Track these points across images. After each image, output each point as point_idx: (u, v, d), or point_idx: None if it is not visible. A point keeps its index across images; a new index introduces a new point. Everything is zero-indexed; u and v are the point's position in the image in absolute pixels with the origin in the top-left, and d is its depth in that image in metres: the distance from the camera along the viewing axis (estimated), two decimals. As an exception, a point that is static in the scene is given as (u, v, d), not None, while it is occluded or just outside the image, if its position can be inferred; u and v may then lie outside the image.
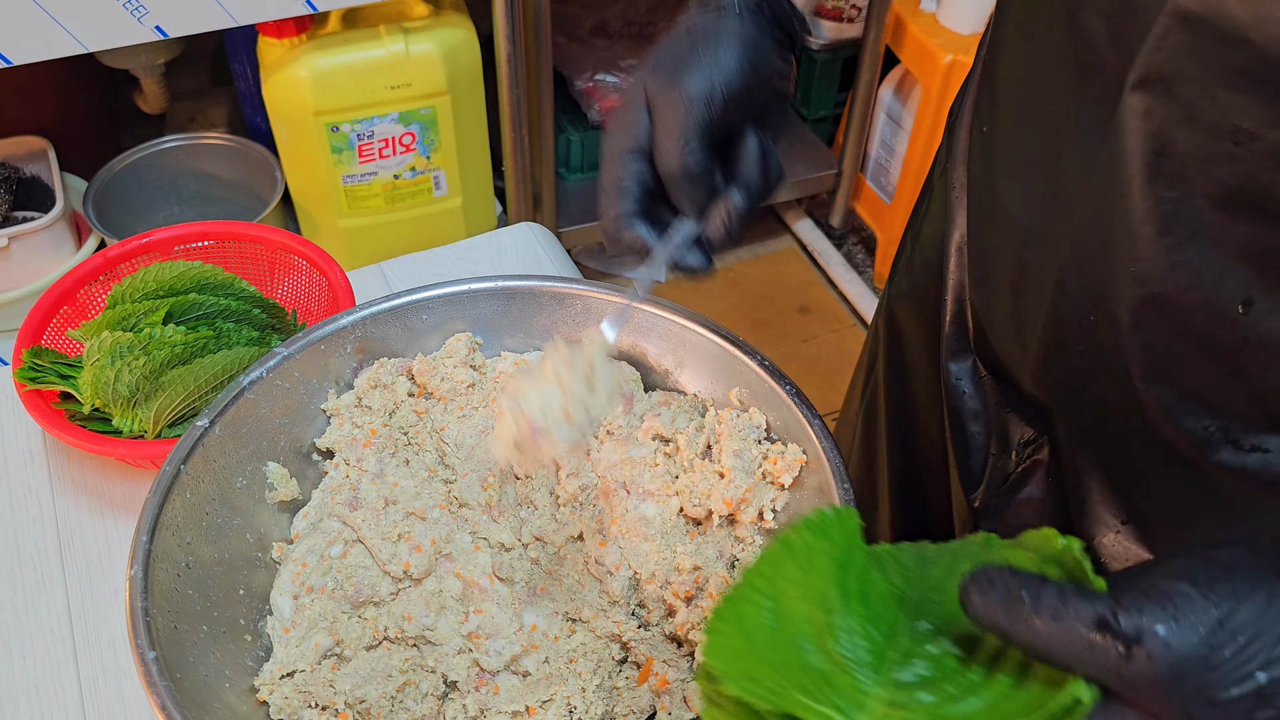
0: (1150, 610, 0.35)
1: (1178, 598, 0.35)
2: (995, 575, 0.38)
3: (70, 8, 1.28)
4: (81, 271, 0.82)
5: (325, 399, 0.72)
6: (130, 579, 0.57)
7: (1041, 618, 0.36)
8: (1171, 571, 0.37)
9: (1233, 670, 0.35)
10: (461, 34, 1.58)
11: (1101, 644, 0.35)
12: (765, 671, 0.44)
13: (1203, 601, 0.35)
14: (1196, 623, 0.35)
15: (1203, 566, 0.36)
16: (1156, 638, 0.35)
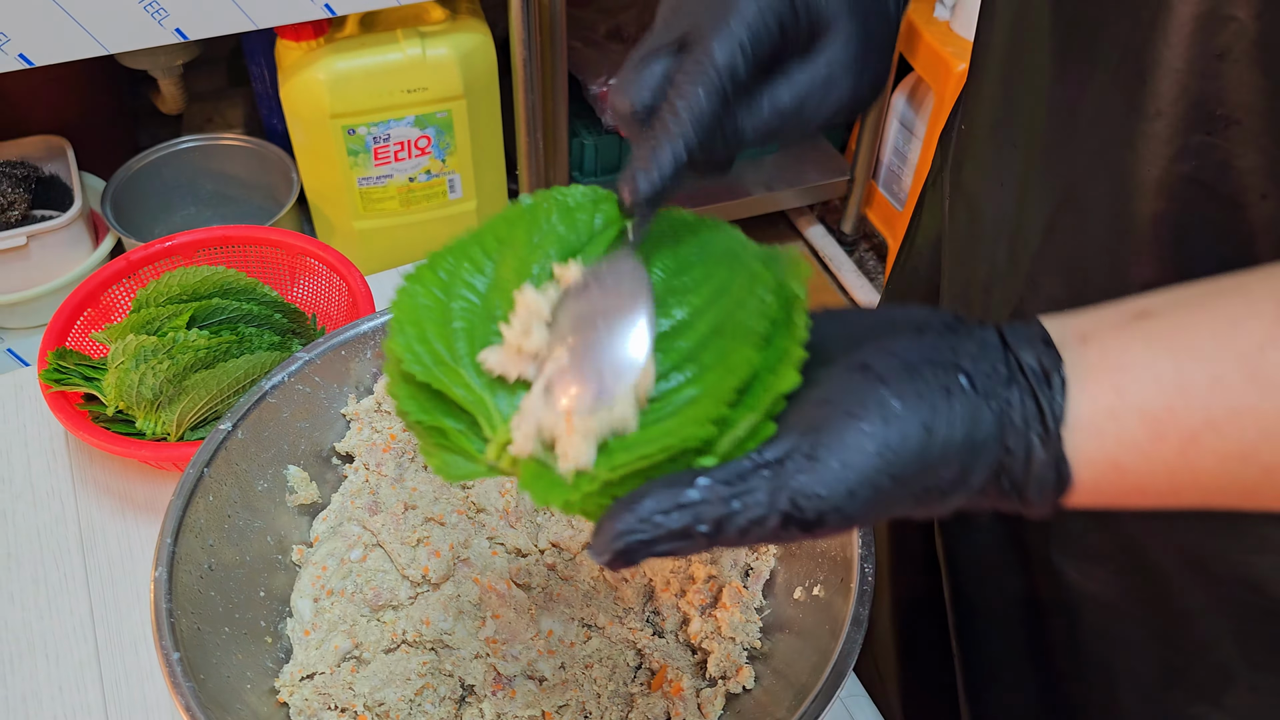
0: (830, 488, 0.37)
1: (851, 460, 0.37)
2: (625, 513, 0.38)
3: (92, 10, 1.29)
4: (105, 274, 0.83)
5: (345, 403, 0.73)
6: (155, 580, 0.58)
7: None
8: (840, 409, 0.38)
9: (894, 505, 0.38)
10: (478, 38, 1.59)
11: (787, 536, 0.38)
12: (444, 334, 0.46)
13: (872, 458, 0.37)
14: (869, 486, 0.37)
15: (868, 395, 0.38)
16: (836, 517, 0.37)
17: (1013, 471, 0.38)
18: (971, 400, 0.38)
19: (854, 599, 0.58)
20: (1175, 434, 0.36)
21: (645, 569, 0.67)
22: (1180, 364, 0.36)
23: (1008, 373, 0.38)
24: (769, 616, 0.66)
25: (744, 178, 2.13)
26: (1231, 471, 0.36)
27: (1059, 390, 0.37)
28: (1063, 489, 0.38)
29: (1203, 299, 0.38)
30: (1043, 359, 0.38)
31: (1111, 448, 0.37)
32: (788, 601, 0.65)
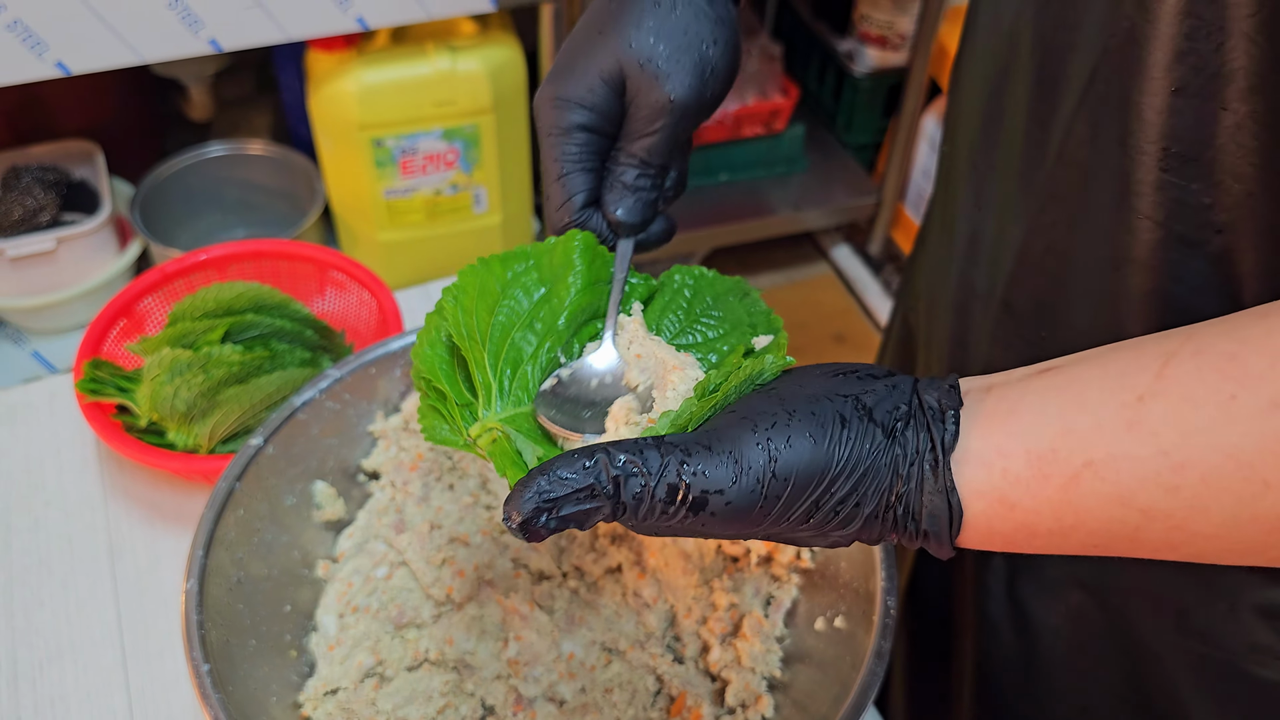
0: (713, 470, 0.40)
1: (736, 450, 0.41)
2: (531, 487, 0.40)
3: (129, 20, 1.31)
4: (140, 285, 0.84)
5: (373, 421, 0.74)
6: (186, 592, 0.59)
7: None
8: (738, 417, 0.42)
9: (786, 510, 0.41)
10: (508, 53, 1.60)
11: (675, 514, 0.41)
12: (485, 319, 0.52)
13: (756, 451, 0.41)
14: (751, 476, 0.41)
15: (766, 407, 0.43)
16: (719, 499, 0.40)
17: (907, 500, 0.41)
18: (865, 427, 0.41)
19: (876, 632, 0.58)
20: (1058, 473, 0.39)
21: (667, 594, 0.68)
22: (1066, 410, 0.39)
23: (908, 411, 0.42)
24: (790, 646, 0.66)
25: (771, 197, 2.14)
26: (1112, 514, 0.39)
27: (951, 424, 0.41)
28: (955, 520, 0.41)
29: (1101, 355, 0.41)
30: (943, 399, 0.42)
31: (998, 482, 0.40)
32: (809, 632, 0.65)
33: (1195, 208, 0.48)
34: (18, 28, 1.26)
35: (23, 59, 1.28)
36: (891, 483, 0.41)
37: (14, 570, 0.76)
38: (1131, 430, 0.38)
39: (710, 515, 0.40)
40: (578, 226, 0.55)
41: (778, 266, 2.33)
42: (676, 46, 0.53)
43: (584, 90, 0.54)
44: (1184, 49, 0.45)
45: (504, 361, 0.51)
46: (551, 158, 0.55)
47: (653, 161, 0.56)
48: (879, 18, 2.10)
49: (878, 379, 0.44)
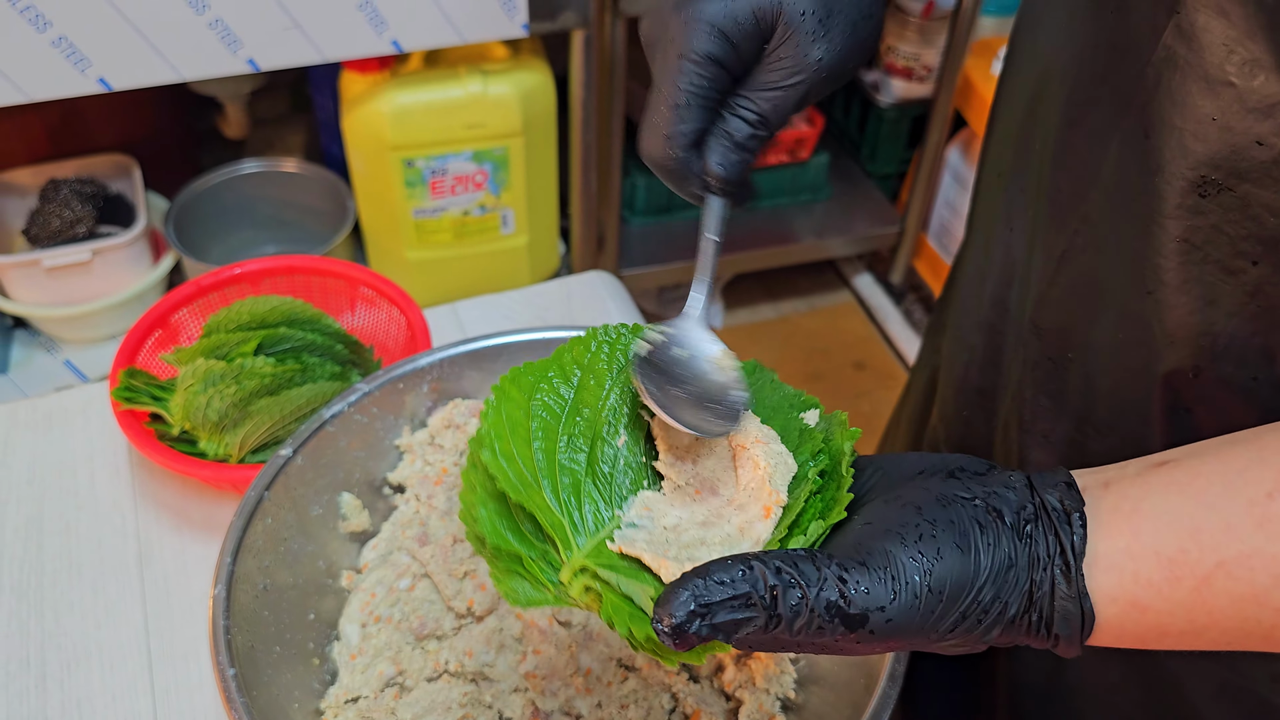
0: (873, 586, 0.39)
1: (892, 565, 0.40)
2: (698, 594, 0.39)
3: (170, 39, 1.34)
4: (176, 297, 0.86)
5: (400, 435, 0.75)
6: (214, 598, 0.60)
7: (768, 628, 0.40)
8: (880, 529, 0.42)
9: (939, 622, 0.40)
10: (538, 78, 1.63)
11: (832, 631, 0.40)
12: (527, 455, 0.49)
13: (912, 566, 0.40)
14: (909, 591, 0.40)
15: (906, 518, 0.42)
16: (880, 616, 0.39)
17: (1041, 605, 0.41)
18: (1002, 530, 0.41)
19: (891, 655, 0.59)
20: (1190, 575, 0.39)
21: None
22: (1193, 509, 0.39)
23: (1034, 512, 0.41)
24: (803, 668, 0.67)
25: (794, 224, 2.15)
26: (1246, 613, 0.38)
27: (1079, 528, 0.41)
28: (1087, 625, 0.40)
29: (1218, 448, 0.41)
30: (1065, 500, 0.41)
31: (1130, 586, 0.40)
32: (824, 653, 0.66)
33: (1231, 238, 0.48)
34: (62, 44, 1.29)
35: (66, 74, 1.32)
36: (1029, 588, 0.41)
37: (45, 573, 0.78)
38: (1262, 528, 0.37)
39: (869, 633, 0.39)
40: (679, 166, 0.51)
41: (800, 293, 2.34)
42: (836, 7, 0.50)
43: (730, 20, 0.49)
44: (1224, 81, 0.46)
45: (564, 490, 0.48)
46: (672, 81, 0.50)
47: (772, 121, 0.52)
48: (905, 50, 2.11)
49: (989, 475, 0.44)
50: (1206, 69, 0.47)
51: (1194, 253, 0.50)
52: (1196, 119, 0.48)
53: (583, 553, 0.47)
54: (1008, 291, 0.67)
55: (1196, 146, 0.48)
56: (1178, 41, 0.48)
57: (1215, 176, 0.48)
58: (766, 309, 2.29)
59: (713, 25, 0.49)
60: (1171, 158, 0.49)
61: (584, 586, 0.46)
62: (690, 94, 0.49)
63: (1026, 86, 0.65)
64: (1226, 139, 0.47)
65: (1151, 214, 0.52)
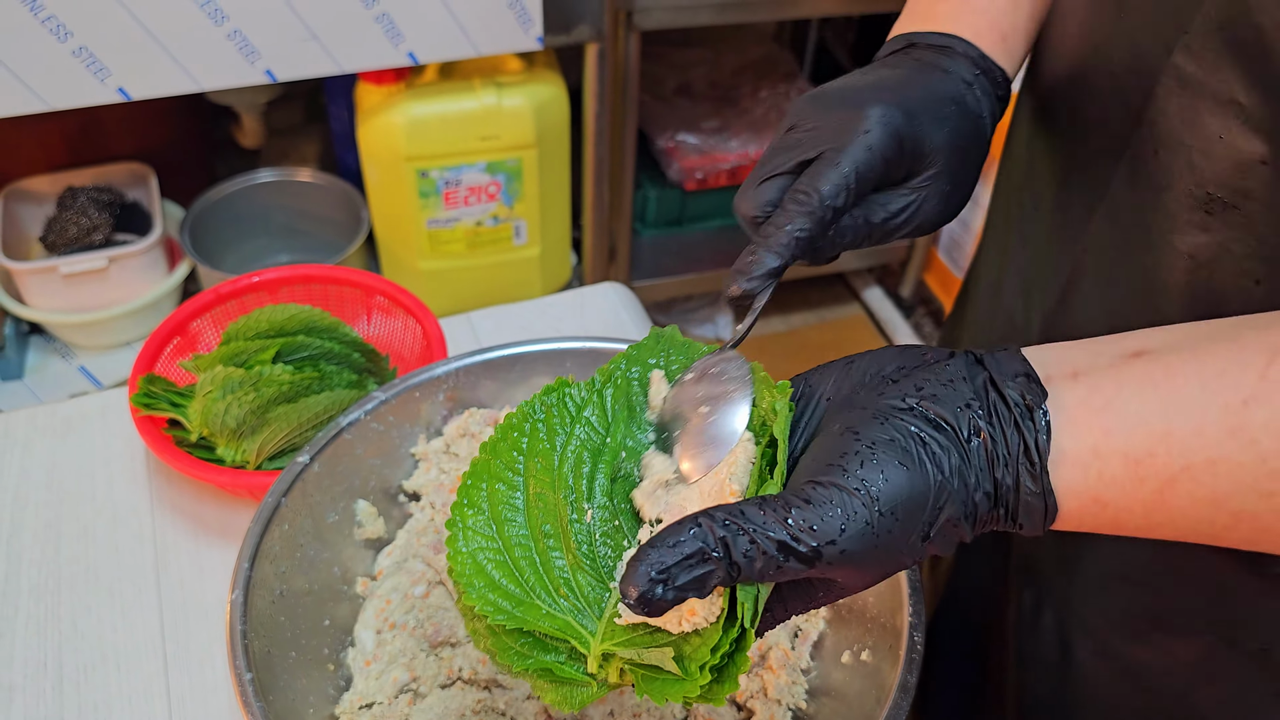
0: (820, 520, 0.39)
1: (836, 497, 0.40)
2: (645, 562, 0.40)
3: (189, 49, 1.35)
4: (195, 305, 0.87)
5: (415, 443, 0.76)
6: (232, 603, 0.61)
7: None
8: (822, 462, 0.41)
9: (904, 540, 0.40)
10: (552, 90, 1.64)
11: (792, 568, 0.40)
12: (509, 574, 0.48)
13: (856, 494, 0.40)
14: (859, 520, 0.39)
15: (845, 446, 0.41)
16: (833, 549, 0.39)
17: (1006, 499, 0.41)
18: (947, 438, 0.41)
19: (902, 666, 0.59)
20: (1154, 477, 0.39)
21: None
22: (1165, 410, 0.39)
23: (985, 406, 0.41)
24: (815, 679, 0.67)
25: (802, 237, 2.16)
26: (1202, 514, 0.39)
27: (1043, 427, 0.40)
28: (1050, 517, 0.41)
29: (1196, 344, 0.40)
30: (1025, 393, 0.41)
31: (1094, 483, 0.40)
32: (835, 665, 0.66)
33: (1236, 256, 0.49)
34: (83, 54, 1.30)
35: (86, 83, 1.33)
36: (993, 486, 0.41)
37: (62, 577, 0.78)
38: (1233, 436, 0.37)
39: (828, 565, 0.40)
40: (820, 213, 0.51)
41: (810, 306, 2.35)
42: (960, 184, 0.56)
43: (907, 141, 0.53)
44: (1231, 99, 0.47)
45: (555, 591, 0.48)
46: (849, 152, 0.51)
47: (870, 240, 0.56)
48: (918, 64, 2.12)
49: (924, 369, 0.43)
50: (1214, 89, 0.47)
51: (1200, 270, 0.51)
52: (1204, 137, 0.48)
53: (598, 640, 0.47)
54: (1020, 308, 0.67)
55: (1204, 164, 0.49)
56: (1187, 60, 0.49)
57: (1221, 194, 0.48)
58: (776, 321, 2.30)
59: (893, 135, 0.52)
60: (1179, 175, 0.50)
61: (616, 670, 0.46)
62: (858, 172, 0.51)
63: (1039, 102, 0.65)
64: (1233, 157, 0.47)
65: (1159, 231, 0.52)
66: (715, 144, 2.02)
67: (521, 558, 0.49)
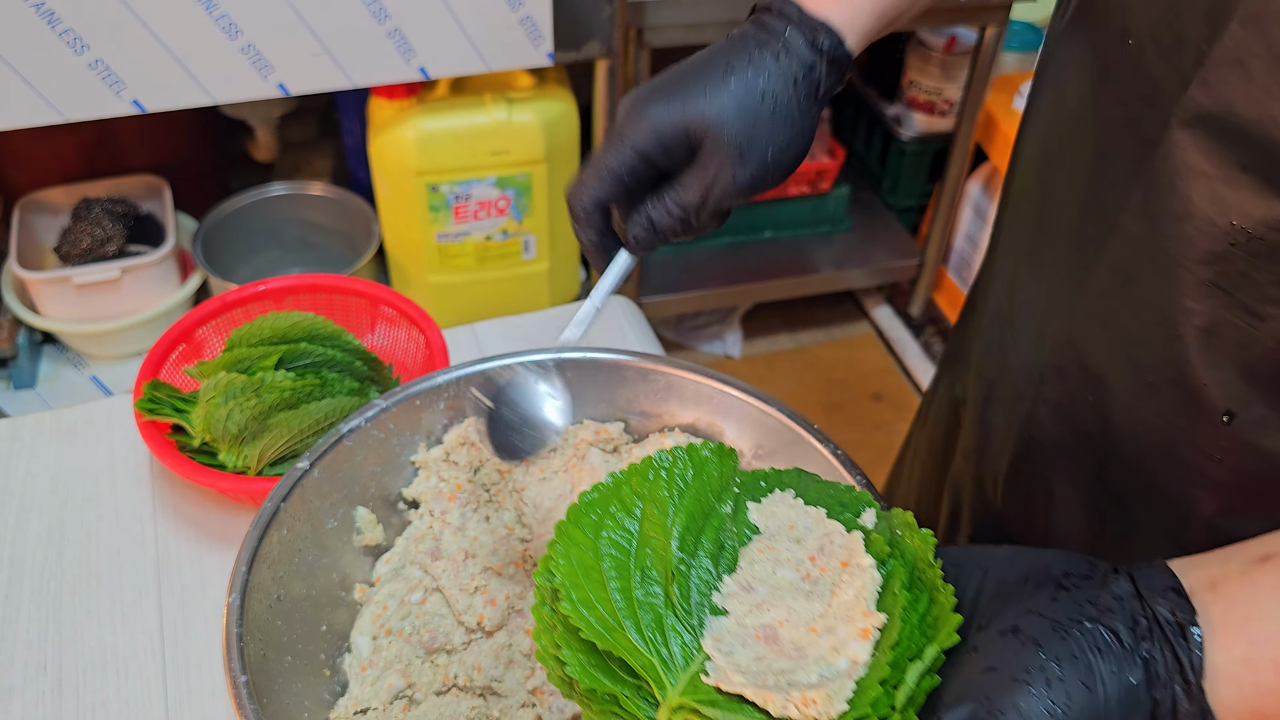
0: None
1: (1009, 702, 0.40)
2: None
3: (203, 63, 1.37)
4: (201, 312, 0.88)
5: (415, 451, 0.76)
6: (229, 606, 0.61)
7: None
8: (1005, 677, 0.41)
9: None
10: (562, 106, 1.65)
11: None
12: (604, 598, 0.48)
13: (1030, 702, 0.40)
14: None
15: (1029, 660, 0.41)
16: None
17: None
18: (1120, 656, 0.40)
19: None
20: None
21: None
22: None
23: (1147, 625, 0.41)
24: (810, 689, 0.67)
25: (814, 255, 2.16)
26: None
27: (1196, 645, 0.40)
28: None
29: None
30: (1176, 610, 0.41)
31: (1250, 696, 0.40)
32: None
33: (1259, 283, 0.49)
34: (98, 66, 1.32)
35: (101, 96, 1.35)
36: (1152, 708, 0.40)
37: (64, 580, 0.79)
38: None
39: None
40: (582, 218, 0.61)
41: (819, 324, 2.35)
42: (758, 137, 0.58)
43: (667, 126, 0.58)
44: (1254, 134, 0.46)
45: (648, 629, 0.48)
46: (607, 154, 0.59)
47: (693, 224, 0.60)
48: (927, 84, 2.13)
49: (1095, 583, 0.43)
50: (1229, 124, 0.47)
51: (1222, 296, 0.50)
52: (1226, 168, 0.48)
53: (678, 690, 0.46)
54: (1032, 330, 0.67)
55: (1229, 194, 0.48)
56: (1203, 94, 0.48)
57: (1247, 225, 0.48)
58: (785, 339, 2.30)
59: (651, 127, 0.58)
60: (1202, 204, 0.49)
61: None
62: (612, 171, 0.59)
63: (1052, 127, 0.65)
64: (1256, 188, 0.47)
65: (1179, 258, 0.52)
66: (725, 161, 2.02)
67: (619, 588, 0.49)
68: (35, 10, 1.25)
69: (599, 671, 0.48)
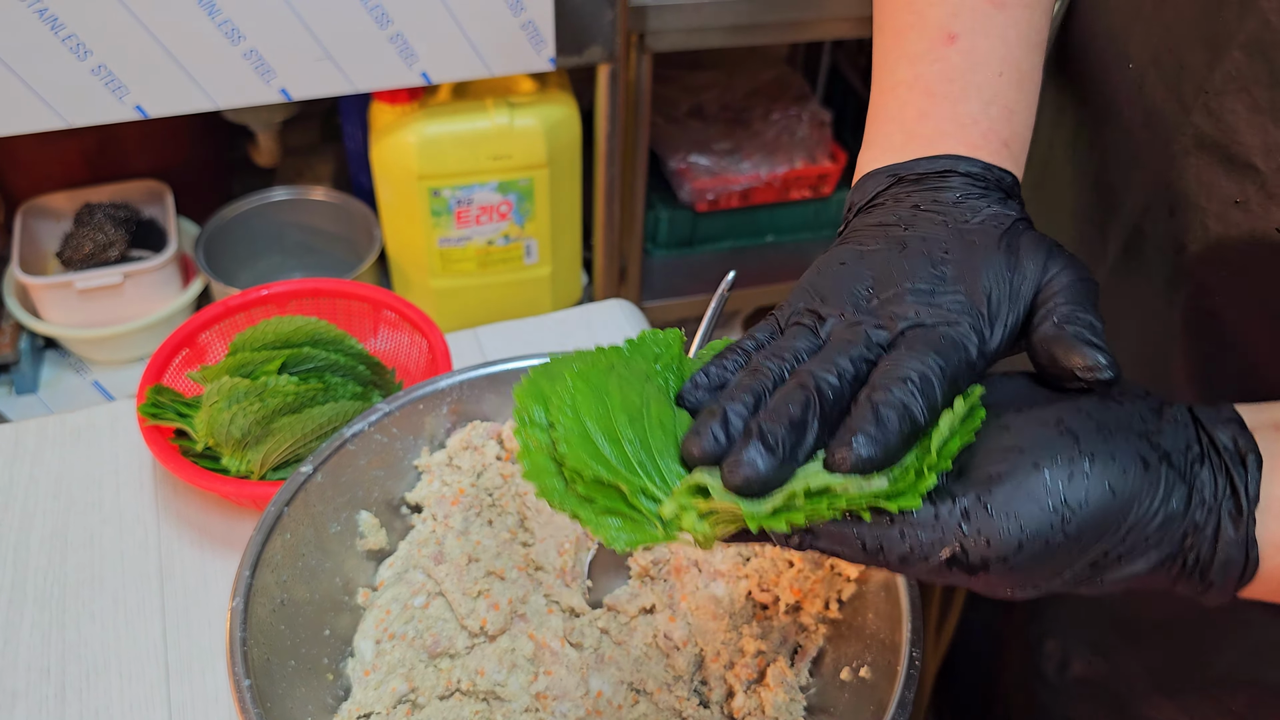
0: (999, 533, 0.37)
1: (1025, 509, 0.37)
2: None
3: (205, 68, 1.37)
4: (204, 317, 0.88)
5: (418, 456, 0.76)
6: (232, 610, 0.61)
7: None
8: (1028, 460, 0.38)
9: (1064, 566, 0.38)
10: (564, 111, 1.65)
11: (945, 575, 0.38)
12: (601, 447, 0.43)
13: (1050, 509, 0.37)
14: (1039, 539, 0.37)
15: (1057, 447, 0.38)
16: (1001, 566, 0.37)
17: (1199, 549, 0.38)
18: (1166, 473, 0.38)
19: (900, 682, 0.59)
20: None
21: (697, 637, 0.69)
22: None
23: (1200, 450, 0.38)
24: (814, 696, 0.67)
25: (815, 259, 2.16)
26: None
27: (1254, 470, 0.38)
28: (1249, 572, 0.38)
29: None
30: (1238, 439, 0.39)
31: None
32: (834, 682, 0.66)
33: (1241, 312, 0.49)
34: (101, 72, 1.32)
35: (104, 101, 1.35)
36: (1185, 530, 0.38)
37: (68, 584, 0.79)
38: None
39: (983, 574, 0.37)
40: None
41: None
42: None
43: None
44: (1248, 164, 0.46)
45: (652, 444, 0.43)
46: None
47: None
48: (930, 88, 2.13)
49: (1150, 404, 0.40)
50: (1231, 151, 0.47)
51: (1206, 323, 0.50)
52: (1221, 200, 0.48)
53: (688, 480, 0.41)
54: None
55: (1218, 228, 0.48)
56: (1205, 121, 0.48)
57: (1233, 257, 0.48)
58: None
59: None
60: (1194, 238, 0.49)
61: (691, 519, 0.40)
62: None
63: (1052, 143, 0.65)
64: (1248, 223, 0.47)
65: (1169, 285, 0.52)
66: (727, 165, 2.02)
67: (633, 407, 0.44)
68: (39, 16, 1.25)
69: (599, 464, 0.42)
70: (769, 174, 2.02)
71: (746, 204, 2.04)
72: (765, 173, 2.02)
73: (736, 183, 2.01)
